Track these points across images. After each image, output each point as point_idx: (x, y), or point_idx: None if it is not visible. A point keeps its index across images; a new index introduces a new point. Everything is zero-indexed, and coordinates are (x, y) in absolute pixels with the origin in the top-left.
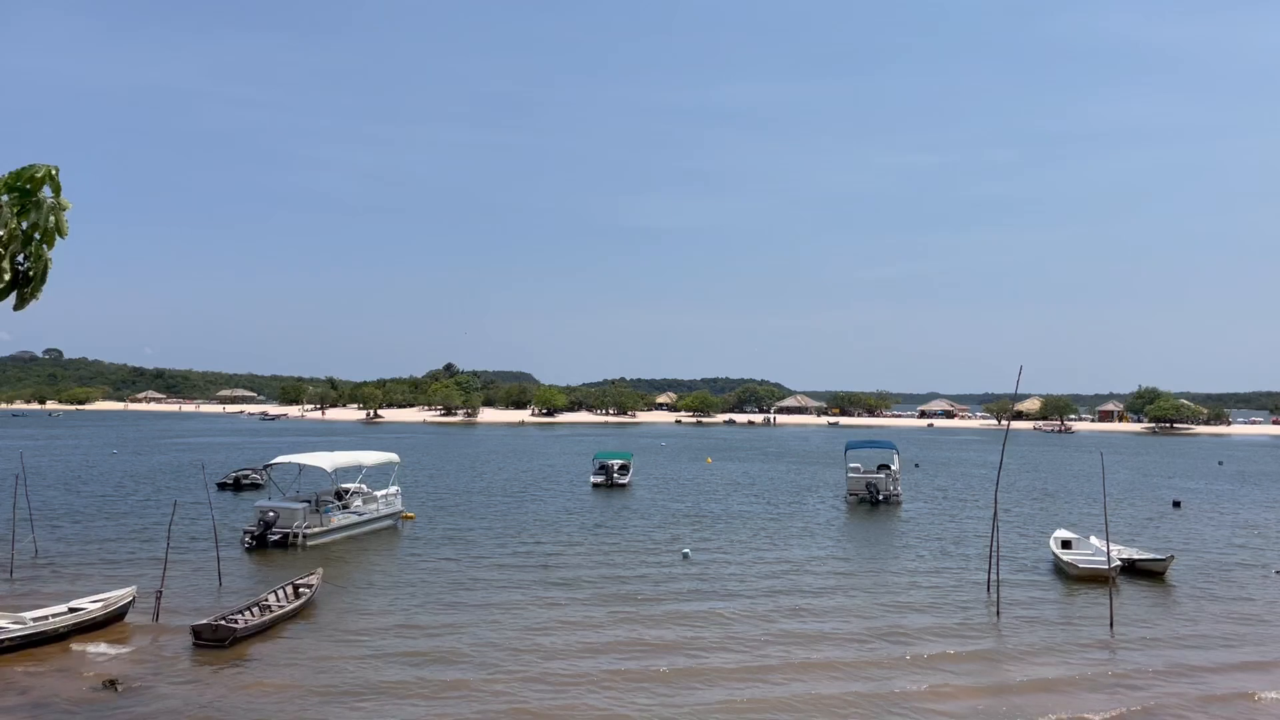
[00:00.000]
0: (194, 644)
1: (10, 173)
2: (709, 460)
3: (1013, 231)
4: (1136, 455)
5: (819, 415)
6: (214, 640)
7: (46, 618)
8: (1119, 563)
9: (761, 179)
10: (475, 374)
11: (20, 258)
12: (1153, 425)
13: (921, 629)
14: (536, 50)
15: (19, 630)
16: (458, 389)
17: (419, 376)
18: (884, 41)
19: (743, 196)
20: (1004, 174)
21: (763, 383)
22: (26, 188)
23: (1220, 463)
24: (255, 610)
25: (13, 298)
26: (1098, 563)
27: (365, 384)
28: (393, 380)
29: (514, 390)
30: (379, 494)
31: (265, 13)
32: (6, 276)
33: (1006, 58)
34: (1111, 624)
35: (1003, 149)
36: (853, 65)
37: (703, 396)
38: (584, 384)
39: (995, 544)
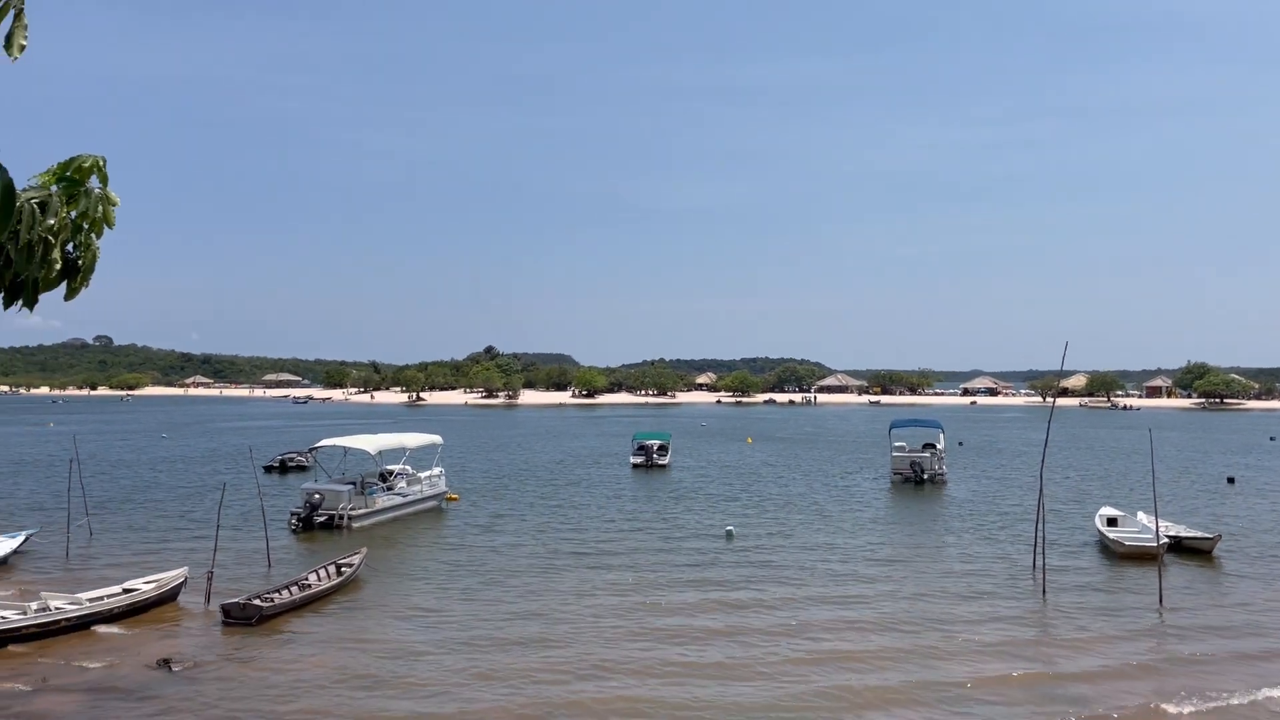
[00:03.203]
0: (223, 622)
1: (59, 163)
2: (749, 440)
3: (1056, 206)
4: (1186, 431)
5: (860, 394)
6: (242, 618)
7: (102, 598)
8: (1166, 540)
9: (798, 157)
10: (515, 356)
11: (69, 246)
12: (1202, 400)
13: (966, 608)
14: (575, 33)
15: (75, 611)
16: (498, 371)
17: (460, 359)
18: (917, 16)
19: (780, 175)
20: (1045, 148)
21: (803, 362)
22: (75, 178)
23: (1272, 438)
24: (294, 589)
25: (63, 287)
26: (1144, 540)
27: (407, 367)
28: (434, 363)
29: (554, 372)
30: (423, 475)
31: (306, 2)
32: (58, 266)
33: (1044, 30)
34: (1161, 602)
35: (1043, 122)
36: (886, 40)
37: (742, 376)
38: (624, 365)
39: (1040, 522)
